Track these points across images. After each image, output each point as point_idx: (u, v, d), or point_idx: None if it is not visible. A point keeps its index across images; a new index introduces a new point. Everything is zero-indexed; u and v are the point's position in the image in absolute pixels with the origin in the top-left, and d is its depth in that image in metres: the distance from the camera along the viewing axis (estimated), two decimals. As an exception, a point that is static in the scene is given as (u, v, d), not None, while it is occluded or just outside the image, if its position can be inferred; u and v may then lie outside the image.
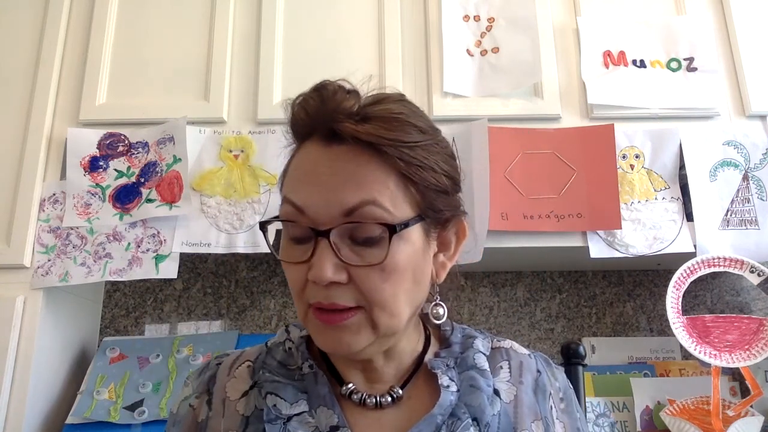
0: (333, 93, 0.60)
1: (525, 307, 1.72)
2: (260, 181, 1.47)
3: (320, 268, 0.57)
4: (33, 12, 1.60)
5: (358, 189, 0.58)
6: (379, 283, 0.58)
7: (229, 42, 1.58)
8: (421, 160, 0.60)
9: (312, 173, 0.60)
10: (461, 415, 0.63)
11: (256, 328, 1.69)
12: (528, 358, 0.72)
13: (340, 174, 0.58)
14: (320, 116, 0.60)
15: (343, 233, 0.58)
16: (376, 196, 0.58)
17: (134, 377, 1.46)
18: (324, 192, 0.58)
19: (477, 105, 1.52)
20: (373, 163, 0.59)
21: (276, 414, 0.62)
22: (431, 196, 0.61)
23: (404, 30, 1.59)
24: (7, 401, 1.33)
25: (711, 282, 1.71)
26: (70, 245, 1.43)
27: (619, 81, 1.53)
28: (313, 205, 0.58)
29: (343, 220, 0.58)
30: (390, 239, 0.58)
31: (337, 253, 0.58)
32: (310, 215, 0.59)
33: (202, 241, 1.44)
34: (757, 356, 1.32)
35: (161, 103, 1.54)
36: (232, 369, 0.70)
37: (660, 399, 1.43)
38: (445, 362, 0.68)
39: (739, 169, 1.48)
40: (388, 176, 0.59)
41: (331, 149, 0.59)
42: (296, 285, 0.61)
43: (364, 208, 0.57)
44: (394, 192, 0.59)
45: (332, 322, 0.59)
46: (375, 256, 0.58)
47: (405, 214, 0.59)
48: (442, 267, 0.66)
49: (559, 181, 1.45)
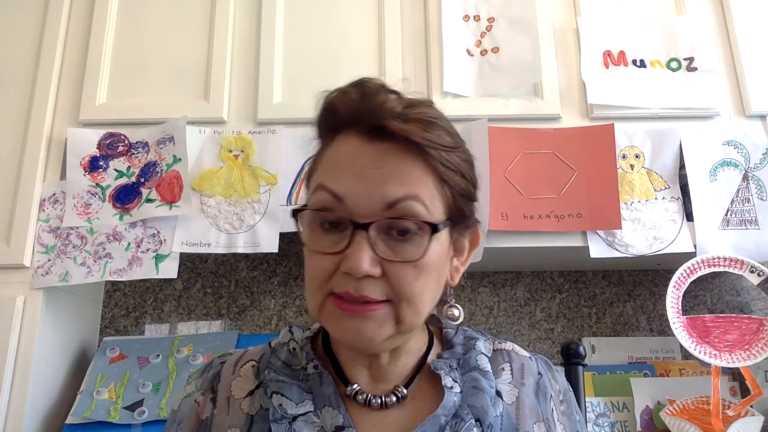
0: (376, 90, 0.61)
1: (525, 307, 1.72)
2: (260, 181, 1.47)
3: (358, 260, 0.57)
4: (33, 12, 1.60)
5: (401, 184, 0.59)
6: (411, 280, 0.59)
7: (229, 42, 1.58)
8: (455, 165, 0.63)
9: (354, 165, 0.60)
10: (464, 416, 0.63)
11: (256, 328, 1.69)
12: (529, 361, 0.73)
13: (384, 168, 0.59)
14: (364, 111, 0.61)
15: (380, 227, 0.59)
16: (419, 192, 0.59)
17: (134, 377, 1.46)
18: (367, 183, 0.59)
19: (477, 105, 1.52)
20: (416, 162, 0.60)
21: (282, 413, 0.63)
22: (461, 201, 0.64)
23: (404, 30, 1.59)
24: (7, 401, 1.33)
25: (711, 282, 1.71)
26: (70, 245, 1.43)
27: (619, 81, 1.53)
28: (354, 195, 0.59)
29: (383, 213, 0.58)
30: (430, 239, 0.59)
31: (373, 247, 0.58)
32: (350, 205, 0.59)
33: (202, 241, 1.44)
34: (757, 356, 1.32)
35: (161, 103, 1.54)
36: (236, 368, 0.70)
37: (660, 399, 1.44)
38: (447, 363, 0.68)
39: (739, 169, 1.48)
40: (428, 176, 0.60)
41: (374, 145, 0.60)
42: (322, 275, 0.60)
43: (406, 202, 0.59)
44: (432, 192, 0.61)
45: (356, 312, 0.59)
46: (411, 253, 0.59)
47: (439, 215, 0.61)
48: (456, 271, 0.68)
49: (559, 181, 1.45)
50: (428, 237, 0.59)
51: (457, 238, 0.66)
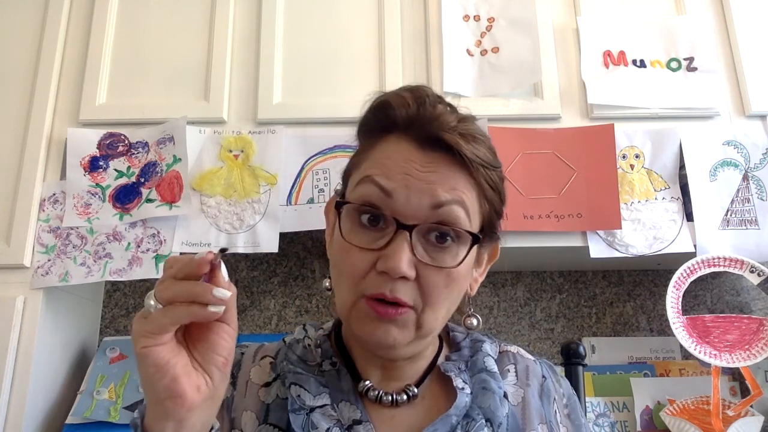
0: (433, 102, 0.64)
1: (525, 307, 1.72)
2: (260, 181, 1.47)
3: (398, 260, 0.58)
4: (33, 12, 1.60)
5: (449, 189, 0.61)
6: (441, 287, 0.60)
7: (229, 42, 1.58)
8: (495, 183, 0.65)
9: (405, 165, 0.61)
10: (475, 416, 0.64)
11: (256, 328, 1.69)
12: (534, 364, 0.74)
13: (434, 173, 0.61)
14: (420, 118, 0.62)
15: (423, 230, 0.60)
16: (465, 199, 0.61)
17: (134, 377, 1.46)
18: (417, 184, 0.60)
19: (477, 105, 1.52)
20: (464, 174, 0.62)
21: (300, 404, 0.63)
22: (493, 217, 0.66)
23: (404, 30, 1.59)
24: (7, 401, 1.33)
25: (711, 282, 1.71)
26: (70, 245, 1.43)
27: (619, 81, 1.53)
28: (403, 193, 0.60)
29: (430, 214, 0.60)
30: (469, 249, 0.61)
31: (413, 249, 0.59)
32: (398, 204, 0.60)
33: (202, 241, 1.44)
34: (757, 356, 1.32)
35: (161, 103, 1.54)
36: (255, 358, 0.71)
37: (660, 399, 1.44)
38: (456, 365, 0.70)
39: (739, 169, 1.48)
40: (472, 189, 0.63)
41: (425, 152, 0.62)
42: (357, 272, 0.60)
43: (453, 206, 0.60)
44: (474, 205, 0.63)
45: (389, 315, 0.59)
46: (447, 260, 0.60)
47: (476, 227, 0.63)
48: (476, 282, 0.70)
49: (559, 181, 1.45)
50: (467, 246, 0.61)
51: (480, 251, 0.68)
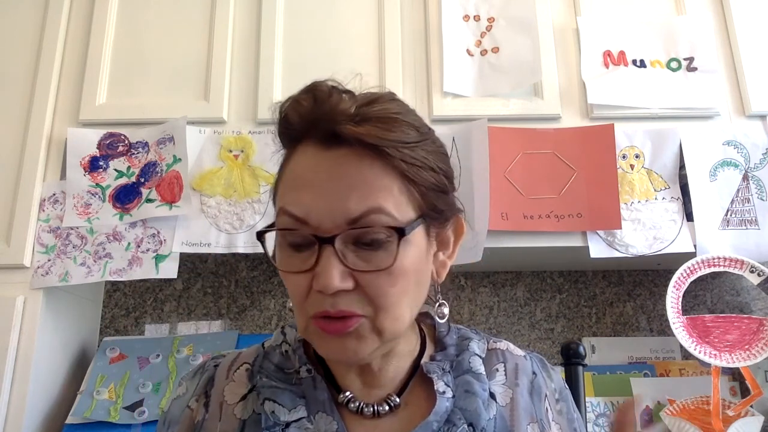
0: (327, 94, 0.58)
1: (525, 307, 1.72)
2: (260, 181, 1.47)
3: (327, 276, 0.55)
4: (33, 12, 1.60)
5: (362, 197, 0.56)
6: (386, 288, 0.57)
7: (229, 42, 1.58)
8: (421, 161, 0.59)
9: (312, 180, 0.57)
10: (457, 420, 0.62)
11: (256, 328, 1.69)
12: (524, 360, 0.71)
13: (343, 179, 0.56)
14: (316, 118, 0.58)
15: (347, 239, 0.56)
16: (382, 203, 0.56)
17: (134, 377, 1.46)
18: (327, 200, 0.56)
19: (477, 105, 1.52)
20: (376, 166, 0.57)
21: (274, 421, 0.62)
22: (432, 196, 0.60)
23: (404, 30, 1.59)
24: (7, 401, 1.33)
25: (711, 282, 1.71)
26: (70, 245, 1.43)
27: (619, 81, 1.53)
28: (315, 214, 0.56)
29: (347, 227, 0.56)
30: (398, 244, 0.56)
31: (342, 260, 0.56)
32: (313, 224, 0.56)
33: (202, 241, 1.44)
34: (757, 356, 1.32)
35: (161, 103, 1.54)
36: (230, 372, 0.69)
37: (660, 399, 1.44)
38: (441, 366, 0.67)
39: (739, 169, 1.48)
40: (392, 180, 0.57)
41: (331, 152, 0.57)
42: (298, 295, 0.58)
43: (370, 216, 0.56)
44: (398, 196, 0.57)
45: (337, 331, 0.57)
46: (383, 261, 0.56)
47: (409, 217, 0.58)
48: (443, 266, 0.65)
49: (559, 181, 1.45)
50: (397, 243, 0.56)
51: (438, 232, 0.64)
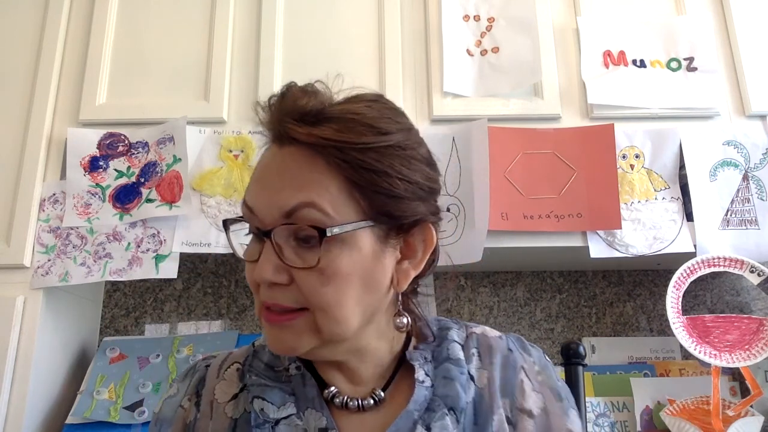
0: (292, 95, 0.61)
1: (525, 307, 1.72)
2: (260, 181, 1.47)
3: (261, 268, 0.58)
4: (33, 12, 1.60)
5: (297, 191, 0.58)
6: (318, 287, 0.58)
7: (229, 42, 1.58)
8: (370, 164, 0.58)
9: (262, 174, 0.61)
10: (436, 407, 0.63)
11: (256, 328, 1.69)
12: (498, 340, 0.71)
13: (284, 175, 0.59)
14: (274, 119, 0.62)
15: (288, 234, 0.59)
16: (315, 199, 0.57)
17: (134, 377, 1.46)
18: (268, 193, 0.59)
19: (477, 105, 1.52)
20: (317, 165, 0.58)
21: (264, 418, 0.63)
22: (381, 200, 0.59)
23: (404, 30, 1.59)
24: (7, 401, 1.33)
25: (711, 282, 1.71)
26: (70, 245, 1.43)
27: (619, 81, 1.53)
28: (259, 205, 0.60)
29: (282, 221, 0.58)
30: (320, 243, 0.57)
31: (279, 254, 0.58)
32: (258, 215, 0.60)
33: (202, 241, 1.44)
34: (757, 356, 1.32)
35: (161, 103, 1.54)
36: (221, 371, 0.70)
37: (660, 399, 1.43)
38: (423, 355, 0.68)
39: (739, 169, 1.48)
40: (330, 179, 0.58)
41: (282, 150, 0.61)
42: (251, 283, 0.62)
43: (302, 210, 0.57)
44: (336, 195, 0.58)
45: (273, 321, 0.60)
46: (311, 259, 0.57)
47: (347, 218, 0.58)
48: (405, 275, 0.64)
49: (559, 181, 1.45)
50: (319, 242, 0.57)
51: (403, 239, 0.63)
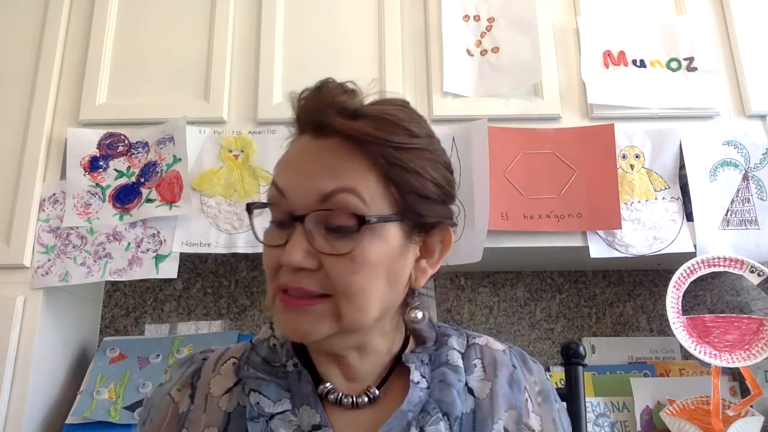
0: (330, 89, 0.62)
1: (525, 307, 1.72)
2: (260, 181, 1.47)
3: (291, 252, 0.58)
4: (33, 12, 1.60)
5: (336, 177, 0.59)
6: (347, 274, 0.59)
7: (229, 42, 1.58)
8: (406, 162, 0.61)
9: (297, 160, 0.62)
10: (431, 410, 0.63)
11: (256, 328, 1.69)
12: (503, 354, 0.72)
13: (323, 162, 0.60)
14: (314, 111, 0.62)
15: (318, 221, 0.59)
16: (355, 185, 0.59)
17: (134, 377, 1.46)
18: (304, 177, 0.60)
19: (477, 105, 1.52)
20: (357, 157, 0.60)
21: (259, 412, 0.63)
22: (413, 199, 0.62)
23: (404, 30, 1.59)
24: (7, 401, 1.33)
25: (711, 282, 1.71)
26: (70, 245, 1.43)
27: (619, 81, 1.53)
28: (293, 188, 0.60)
29: (318, 206, 0.59)
30: (359, 230, 0.58)
31: (310, 239, 0.59)
32: (290, 199, 0.60)
33: (202, 241, 1.44)
34: (757, 356, 1.32)
35: (161, 103, 1.54)
36: (217, 365, 0.70)
37: (660, 399, 1.44)
38: (419, 358, 0.68)
39: (739, 169, 1.48)
40: (369, 171, 0.60)
41: (319, 142, 0.61)
42: (270, 268, 0.62)
43: (340, 195, 0.59)
44: (374, 187, 0.60)
45: (293, 305, 0.60)
46: (344, 247, 0.59)
47: (381, 211, 0.60)
48: (423, 272, 0.66)
49: (559, 181, 1.45)
50: (357, 230, 0.59)
51: (423, 238, 0.65)
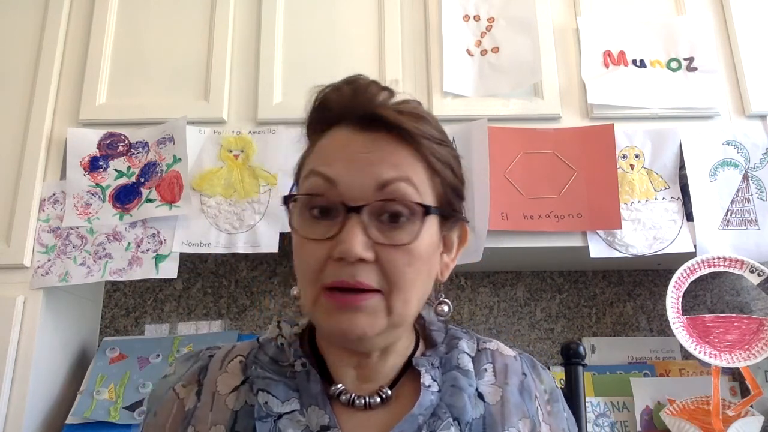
0: (367, 85, 0.63)
1: (525, 307, 1.72)
2: (260, 181, 1.47)
3: (351, 243, 0.56)
4: (33, 12, 1.60)
5: (393, 167, 0.60)
6: (402, 266, 0.59)
7: (229, 42, 1.58)
8: (445, 157, 0.64)
9: (346, 151, 0.61)
10: (442, 414, 0.63)
11: (256, 328, 1.69)
12: (513, 361, 0.72)
13: (376, 153, 0.60)
14: (356, 104, 0.62)
15: (372, 212, 0.59)
16: (411, 175, 0.60)
17: (134, 377, 1.46)
18: (359, 166, 0.59)
19: (477, 105, 1.52)
20: (407, 149, 0.61)
21: (267, 411, 0.62)
22: (450, 193, 0.65)
23: (404, 30, 1.59)
24: (7, 401, 1.33)
25: (711, 282, 1.71)
26: (70, 245, 1.43)
27: (619, 81, 1.53)
28: (346, 178, 0.59)
29: (376, 195, 0.59)
30: (422, 220, 0.60)
31: (366, 231, 0.58)
32: (342, 189, 0.59)
33: (202, 241, 1.44)
34: (757, 356, 1.32)
35: (161, 103, 1.54)
36: (224, 363, 0.70)
37: (660, 399, 1.44)
38: (429, 361, 0.68)
39: (739, 169, 1.48)
40: (419, 163, 0.62)
41: (365, 134, 0.61)
42: (315, 264, 0.59)
43: (398, 183, 0.59)
44: (423, 178, 0.61)
45: (349, 303, 0.58)
46: (403, 237, 0.59)
47: (430, 202, 0.62)
48: (446, 267, 0.68)
49: (559, 181, 1.45)
50: (420, 220, 0.60)
51: (446, 233, 0.67)
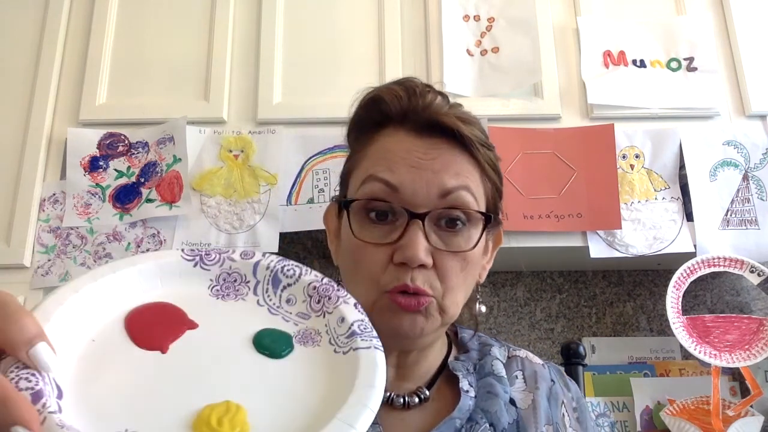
0: (423, 89, 0.64)
1: (525, 307, 1.72)
2: (260, 181, 1.47)
3: (415, 248, 0.57)
4: (33, 12, 1.60)
5: (455, 174, 0.61)
6: (457, 271, 0.60)
7: (229, 42, 1.58)
8: (493, 161, 0.66)
9: (407, 157, 0.61)
10: (479, 419, 0.63)
11: (256, 328, 1.69)
12: (542, 368, 0.74)
13: (438, 160, 0.61)
14: (414, 108, 0.63)
15: (434, 217, 0.60)
16: (470, 184, 0.62)
17: (134, 377, 1.46)
18: (423, 173, 0.60)
19: (477, 105, 1.52)
20: (464, 156, 0.63)
21: None
22: (497, 199, 0.67)
23: (404, 30, 1.59)
24: (7, 401, 1.33)
25: (711, 282, 1.71)
26: (70, 245, 1.43)
27: (619, 81, 1.53)
28: (410, 184, 0.60)
29: (439, 202, 0.60)
30: (483, 228, 0.62)
31: (427, 237, 0.59)
32: (405, 195, 0.59)
33: (202, 241, 1.44)
34: (757, 356, 1.32)
35: (161, 103, 1.54)
36: None
37: (660, 399, 1.43)
38: (465, 366, 0.69)
39: (739, 169, 1.48)
40: (474, 171, 0.63)
41: (424, 139, 0.62)
42: (375, 267, 0.60)
43: (460, 192, 0.60)
44: (478, 185, 0.63)
45: (413, 307, 0.59)
46: (461, 244, 0.60)
47: (482, 208, 0.64)
48: (484, 269, 0.69)
49: (559, 181, 1.45)
50: (479, 228, 0.61)
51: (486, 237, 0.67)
